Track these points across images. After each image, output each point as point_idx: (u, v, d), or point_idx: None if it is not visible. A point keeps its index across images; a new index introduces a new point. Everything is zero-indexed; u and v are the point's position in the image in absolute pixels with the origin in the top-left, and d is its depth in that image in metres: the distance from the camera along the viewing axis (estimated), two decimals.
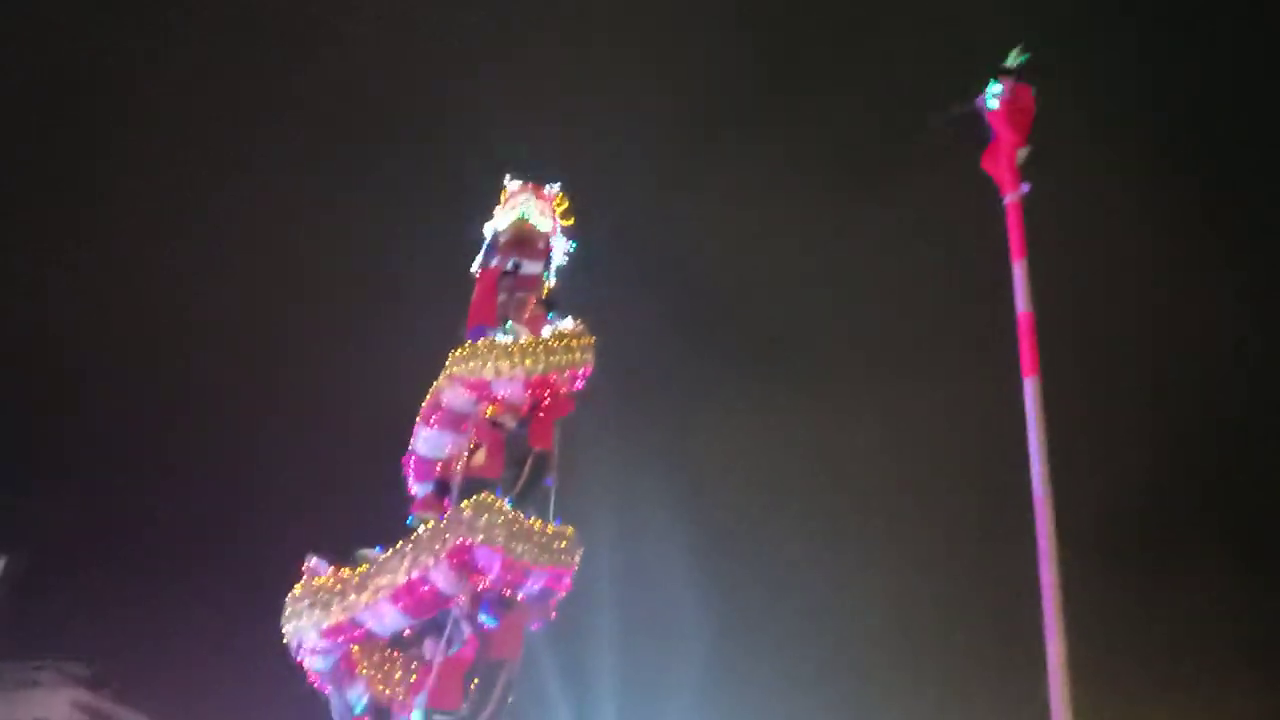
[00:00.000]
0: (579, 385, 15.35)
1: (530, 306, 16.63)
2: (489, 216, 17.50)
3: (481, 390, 15.01)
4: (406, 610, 13.63)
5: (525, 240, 17.06)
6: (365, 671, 13.77)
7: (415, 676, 13.51)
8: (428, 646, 13.52)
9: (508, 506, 13.65)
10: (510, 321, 15.83)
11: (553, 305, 16.24)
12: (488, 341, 15.22)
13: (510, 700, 13.72)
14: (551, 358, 15.10)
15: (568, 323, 15.58)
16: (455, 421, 15.41)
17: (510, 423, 15.06)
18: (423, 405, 15.62)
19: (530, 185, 17.59)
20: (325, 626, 13.71)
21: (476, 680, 13.40)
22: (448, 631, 13.33)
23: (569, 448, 15.40)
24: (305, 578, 14.21)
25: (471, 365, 14.99)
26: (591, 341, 15.39)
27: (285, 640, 14.03)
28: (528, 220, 17.15)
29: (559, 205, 17.58)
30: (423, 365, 16.02)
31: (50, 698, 48.42)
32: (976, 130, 11.92)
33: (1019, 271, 10.90)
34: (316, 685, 14.23)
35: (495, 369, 14.88)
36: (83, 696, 48.96)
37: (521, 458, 14.80)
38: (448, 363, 15.31)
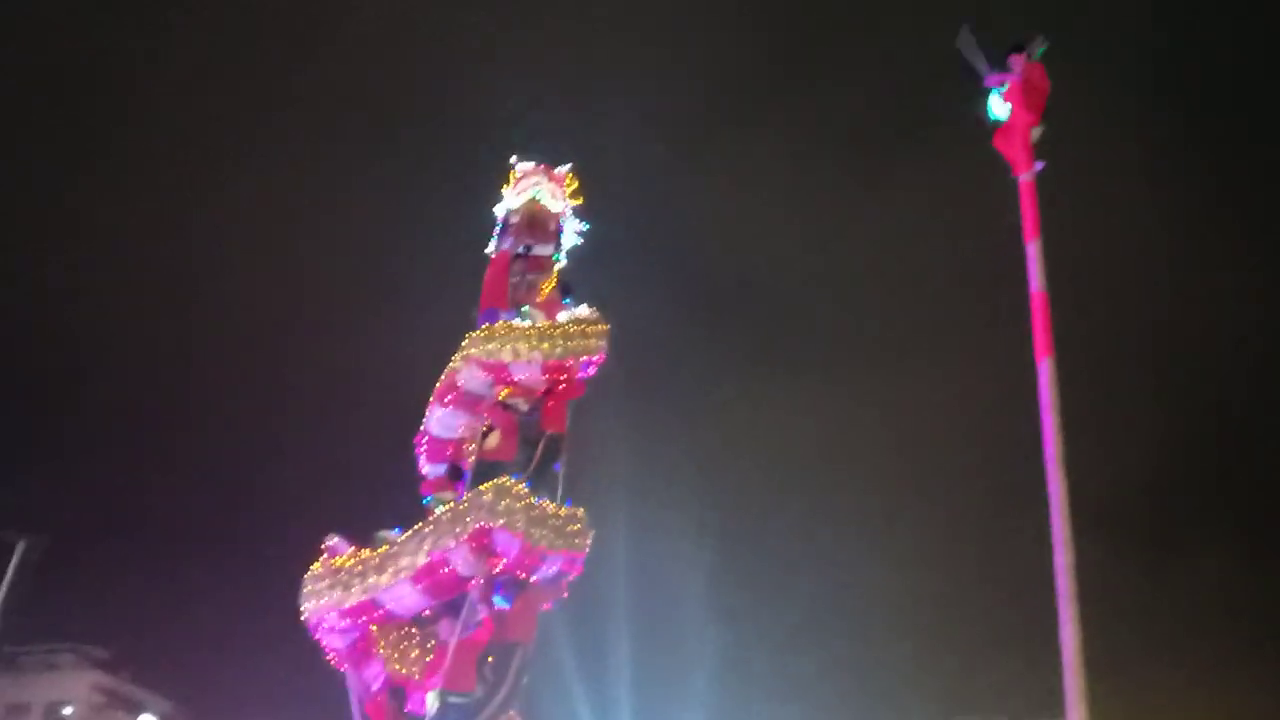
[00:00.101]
0: (591, 372, 15.28)
1: (542, 289, 16.63)
2: (497, 199, 17.43)
3: (499, 373, 14.99)
4: (426, 591, 13.68)
5: (537, 222, 16.96)
6: (383, 651, 13.79)
7: (431, 657, 13.51)
8: (443, 627, 13.52)
9: (526, 490, 13.65)
10: (527, 306, 15.76)
11: (569, 291, 16.17)
12: (505, 325, 15.19)
13: (525, 681, 13.78)
14: (568, 342, 15.07)
15: (583, 309, 15.51)
16: (470, 403, 15.40)
17: (523, 406, 15.05)
18: (436, 386, 15.59)
19: (542, 166, 17.43)
20: (346, 607, 13.77)
21: (491, 660, 13.46)
22: (464, 613, 13.33)
23: (579, 432, 15.42)
24: (325, 557, 14.24)
25: (490, 347, 14.95)
26: (606, 329, 15.34)
27: (304, 618, 14.07)
28: (539, 202, 17.05)
29: (569, 185, 17.46)
30: (433, 349, 16.02)
31: (69, 680, 48.92)
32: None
33: (1032, 251, 10.78)
34: (334, 663, 14.25)
35: (513, 351, 14.87)
36: (101, 679, 49.44)
37: (534, 440, 14.80)
38: (464, 344, 15.27)
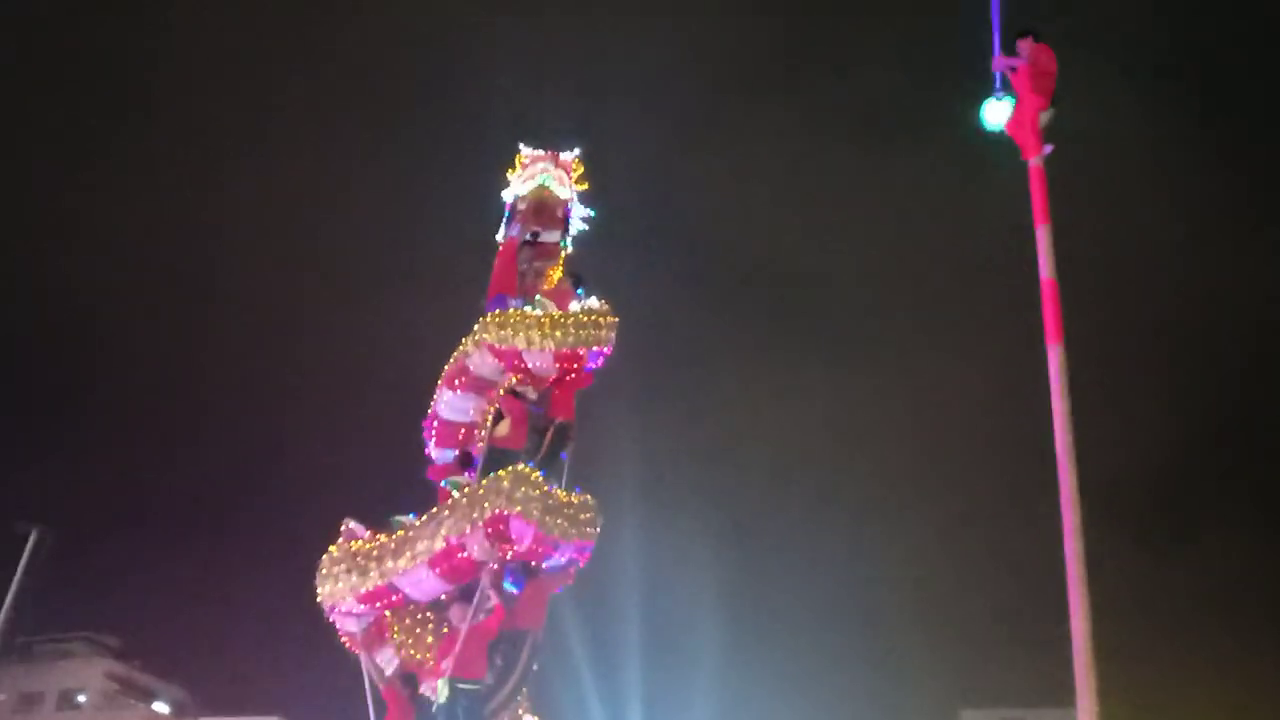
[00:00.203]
0: (600, 363, 15.30)
1: (549, 276, 16.66)
2: (504, 184, 17.39)
3: (511, 359, 14.99)
4: (443, 576, 13.67)
5: (545, 209, 16.95)
6: (397, 636, 13.84)
7: (442, 642, 13.54)
8: (455, 613, 13.56)
9: (542, 479, 13.70)
10: (539, 295, 15.79)
11: (580, 281, 16.16)
12: (519, 312, 15.20)
13: (535, 668, 13.84)
14: (580, 332, 15.08)
15: (592, 301, 15.52)
16: (481, 387, 15.42)
17: (531, 395, 15.07)
18: (445, 369, 15.59)
19: (549, 153, 17.41)
20: (362, 592, 13.78)
21: (502, 647, 13.48)
22: (475, 599, 13.36)
23: (587, 422, 15.47)
24: (342, 540, 14.27)
25: (503, 334, 14.94)
26: (615, 321, 15.34)
27: (319, 600, 14.10)
28: (548, 188, 17.02)
29: (576, 171, 17.44)
30: (440, 336, 16.01)
31: (82, 669, 49.37)
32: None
33: (1042, 237, 10.75)
34: (349, 646, 14.29)
35: (527, 339, 14.85)
36: (114, 667, 49.87)
37: (542, 429, 14.82)
38: (476, 329, 15.25)
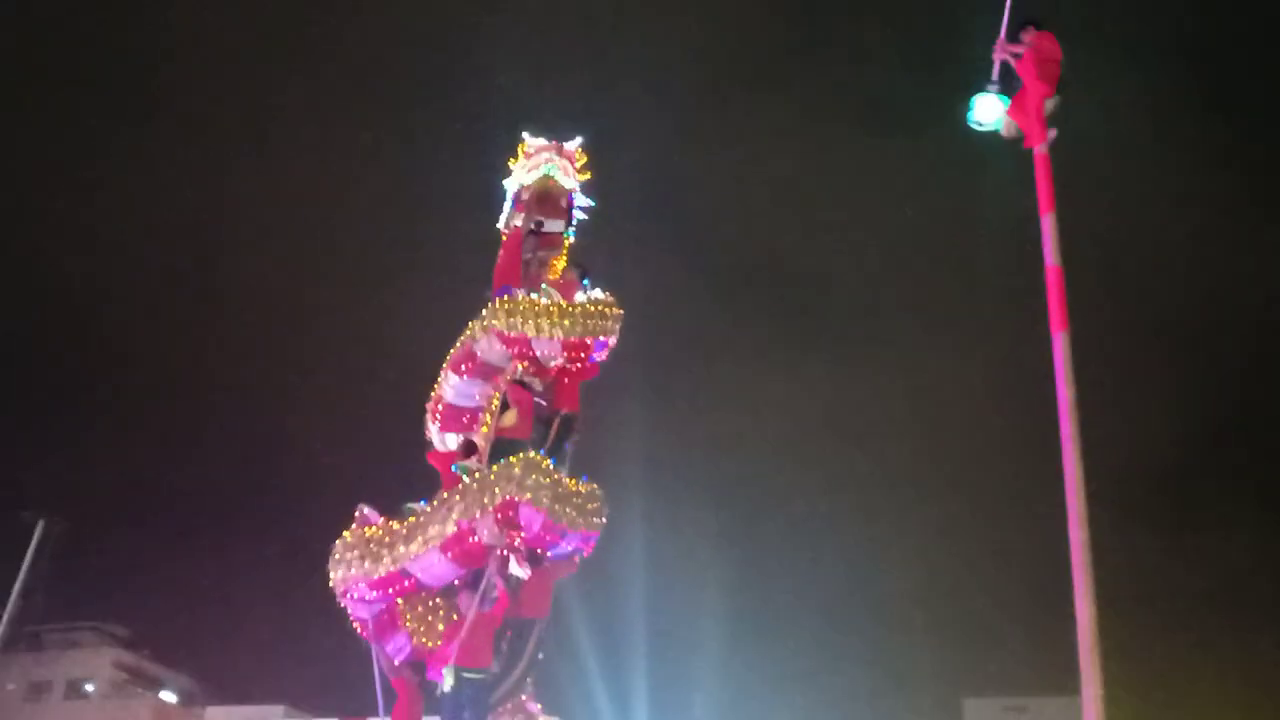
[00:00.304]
0: (604, 355, 15.35)
1: (553, 266, 16.66)
2: (505, 173, 17.36)
3: (520, 346, 14.98)
4: (455, 560, 13.70)
5: (549, 198, 16.93)
6: (409, 624, 13.87)
7: (448, 629, 13.58)
8: (463, 600, 13.59)
9: (552, 467, 13.74)
10: (545, 284, 15.77)
11: (586, 272, 16.14)
12: (528, 299, 15.18)
13: (541, 657, 13.86)
14: (588, 321, 15.10)
15: (597, 293, 15.52)
16: (488, 373, 15.44)
17: (537, 385, 15.08)
18: (451, 352, 15.59)
19: (554, 143, 17.38)
20: (375, 578, 13.81)
21: (508, 635, 13.50)
22: (483, 585, 13.39)
23: (591, 413, 15.46)
24: (356, 525, 14.29)
25: (512, 320, 14.93)
26: (620, 313, 15.36)
27: (331, 585, 14.13)
28: (552, 177, 16.98)
29: (580, 161, 17.42)
30: (446, 327, 15.96)
31: (90, 658, 49.51)
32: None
33: (1048, 224, 10.74)
34: (360, 633, 14.31)
35: (536, 327, 14.85)
36: (122, 656, 49.99)
37: (547, 419, 14.84)
38: (485, 314, 15.24)
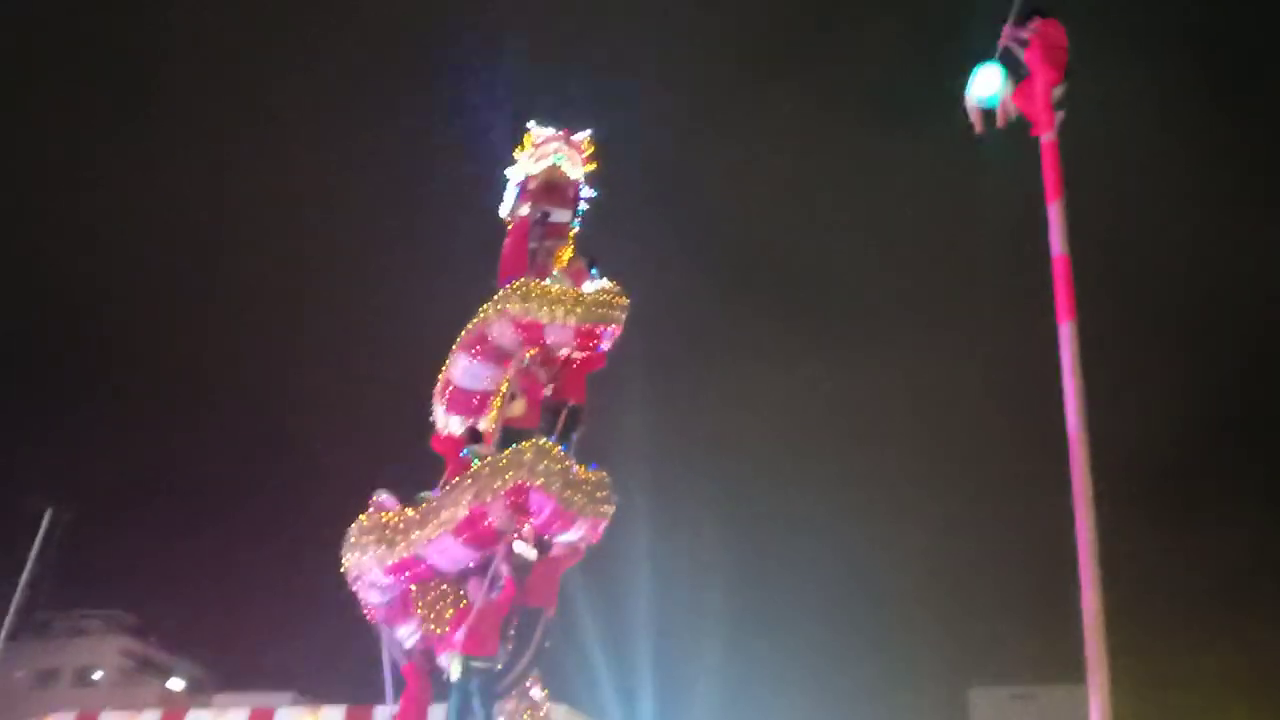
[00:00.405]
0: (609, 345, 15.36)
1: (559, 256, 16.64)
2: (505, 183, 17.28)
3: (532, 332, 14.98)
4: (469, 543, 13.68)
5: (556, 188, 16.87)
6: (420, 611, 13.88)
7: (456, 615, 13.60)
8: (472, 586, 13.62)
9: (563, 454, 13.76)
10: (557, 272, 15.82)
11: (594, 261, 16.13)
12: (540, 285, 15.18)
13: (547, 645, 13.91)
14: (599, 310, 15.14)
15: (604, 283, 15.52)
16: (499, 357, 15.39)
17: (543, 376, 15.12)
18: (462, 335, 15.54)
19: (561, 133, 17.34)
20: (389, 564, 13.83)
21: (516, 623, 13.58)
22: (489, 573, 13.41)
23: (595, 405, 15.46)
24: (372, 511, 14.31)
25: (526, 305, 14.93)
26: (626, 303, 15.36)
27: (343, 569, 14.17)
28: (559, 167, 16.95)
29: (587, 151, 17.39)
30: (450, 318, 15.94)
31: (98, 645, 49.73)
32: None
33: (1054, 213, 10.70)
34: (370, 618, 14.37)
35: (550, 313, 14.85)
36: (130, 644, 50.19)
37: (554, 409, 14.87)
38: (498, 297, 15.22)
